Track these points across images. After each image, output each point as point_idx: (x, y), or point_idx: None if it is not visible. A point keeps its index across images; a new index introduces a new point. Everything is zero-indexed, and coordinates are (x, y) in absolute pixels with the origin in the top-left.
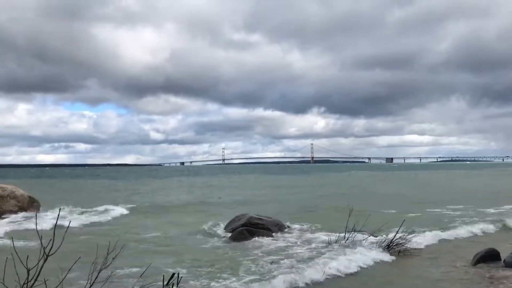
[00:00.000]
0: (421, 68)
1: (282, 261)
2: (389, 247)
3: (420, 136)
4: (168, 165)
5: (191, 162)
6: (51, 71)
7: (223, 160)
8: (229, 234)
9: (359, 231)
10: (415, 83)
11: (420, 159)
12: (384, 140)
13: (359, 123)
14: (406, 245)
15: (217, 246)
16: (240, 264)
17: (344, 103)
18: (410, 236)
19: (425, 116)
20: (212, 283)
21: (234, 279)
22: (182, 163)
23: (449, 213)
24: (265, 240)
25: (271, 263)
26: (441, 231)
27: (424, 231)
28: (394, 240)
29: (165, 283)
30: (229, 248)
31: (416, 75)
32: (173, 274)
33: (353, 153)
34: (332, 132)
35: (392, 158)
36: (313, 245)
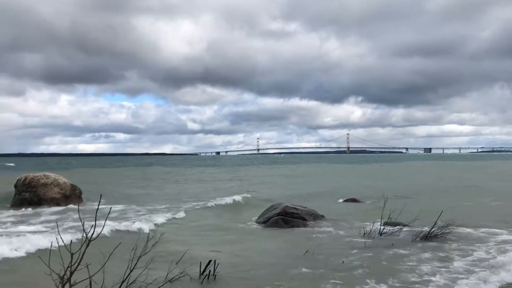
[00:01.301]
0: (463, 56)
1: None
2: (426, 239)
3: (460, 126)
4: (204, 154)
5: (226, 152)
6: (92, 63)
7: (258, 150)
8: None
9: (395, 222)
10: (455, 71)
11: (460, 150)
12: (422, 130)
13: (397, 112)
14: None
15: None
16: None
17: (382, 92)
18: (451, 227)
19: (466, 105)
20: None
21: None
22: (218, 153)
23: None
24: (299, 230)
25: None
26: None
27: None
28: (431, 232)
29: (202, 270)
30: (262, 235)
31: (457, 63)
32: (210, 261)
33: (390, 143)
34: (369, 122)
35: (430, 149)
36: (345, 237)
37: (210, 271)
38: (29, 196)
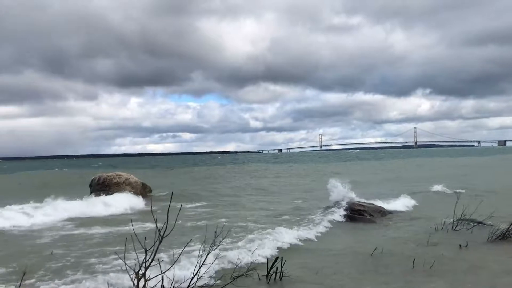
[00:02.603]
0: None
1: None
2: (503, 238)
3: None
4: (266, 152)
5: (288, 149)
6: (160, 66)
7: (321, 146)
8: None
9: (469, 219)
10: None
11: None
12: (495, 121)
13: (468, 104)
14: None
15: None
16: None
17: (452, 83)
18: None
19: None
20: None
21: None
22: (280, 150)
23: None
24: (366, 227)
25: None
26: None
27: None
28: (510, 230)
29: (269, 267)
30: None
31: None
32: (276, 258)
33: (461, 136)
34: (438, 114)
35: (505, 141)
36: (415, 234)
37: (277, 268)
38: (103, 195)
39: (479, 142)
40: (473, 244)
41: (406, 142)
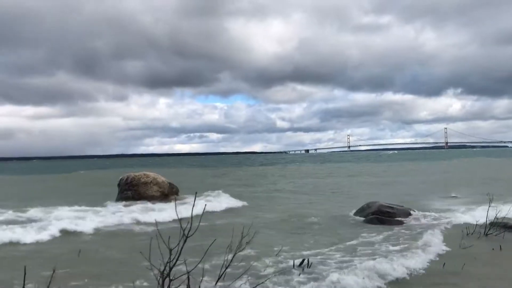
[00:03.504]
0: None
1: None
2: None
3: None
4: (293, 152)
5: (315, 149)
6: (189, 66)
7: (349, 147)
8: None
9: (502, 222)
10: None
11: None
12: None
13: (501, 104)
14: None
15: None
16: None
17: (484, 83)
18: None
19: None
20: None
21: None
22: (307, 151)
23: None
24: (394, 230)
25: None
26: None
27: None
28: None
29: (297, 265)
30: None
31: None
32: (303, 260)
33: (493, 137)
34: (469, 114)
35: None
36: (445, 238)
37: (303, 269)
38: (131, 194)
39: None
40: (506, 247)
41: (437, 142)
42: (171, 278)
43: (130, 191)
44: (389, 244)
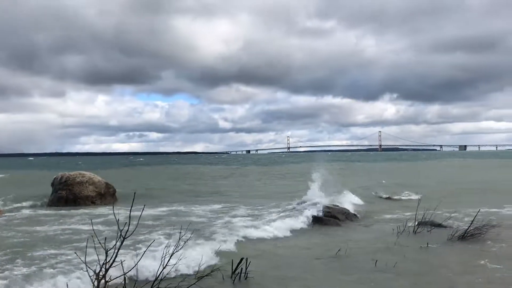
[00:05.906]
0: (507, 51)
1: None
2: (463, 239)
3: (497, 123)
4: (234, 153)
5: (256, 150)
6: (132, 64)
7: (288, 148)
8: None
9: (430, 221)
10: (497, 66)
11: (496, 147)
12: (458, 127)
13: (433, 109)
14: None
15: None
16: None
17: (418, 89)
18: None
19: (505, 101)
20: None
21: None
22: (248, 151)
23: None
24: (330, 229)
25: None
26: None
27: None
28: (468, 231)
29: (234, 268)
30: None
31: (500, 58)
32: (241, 259)
33: (424, 140)
34: (403, 119)
35: (465, 146)
36: (378, 237)
37: (242, 269)
38: (65, 194)
39: (441, 146)
40: (433, 245)
41: (371, 145)
42: (106, 280)
43: (65, 191)
44: None
